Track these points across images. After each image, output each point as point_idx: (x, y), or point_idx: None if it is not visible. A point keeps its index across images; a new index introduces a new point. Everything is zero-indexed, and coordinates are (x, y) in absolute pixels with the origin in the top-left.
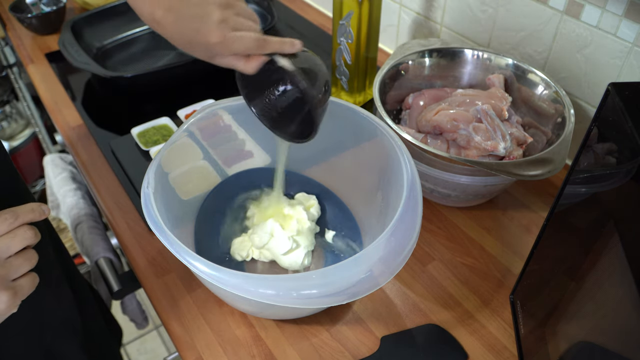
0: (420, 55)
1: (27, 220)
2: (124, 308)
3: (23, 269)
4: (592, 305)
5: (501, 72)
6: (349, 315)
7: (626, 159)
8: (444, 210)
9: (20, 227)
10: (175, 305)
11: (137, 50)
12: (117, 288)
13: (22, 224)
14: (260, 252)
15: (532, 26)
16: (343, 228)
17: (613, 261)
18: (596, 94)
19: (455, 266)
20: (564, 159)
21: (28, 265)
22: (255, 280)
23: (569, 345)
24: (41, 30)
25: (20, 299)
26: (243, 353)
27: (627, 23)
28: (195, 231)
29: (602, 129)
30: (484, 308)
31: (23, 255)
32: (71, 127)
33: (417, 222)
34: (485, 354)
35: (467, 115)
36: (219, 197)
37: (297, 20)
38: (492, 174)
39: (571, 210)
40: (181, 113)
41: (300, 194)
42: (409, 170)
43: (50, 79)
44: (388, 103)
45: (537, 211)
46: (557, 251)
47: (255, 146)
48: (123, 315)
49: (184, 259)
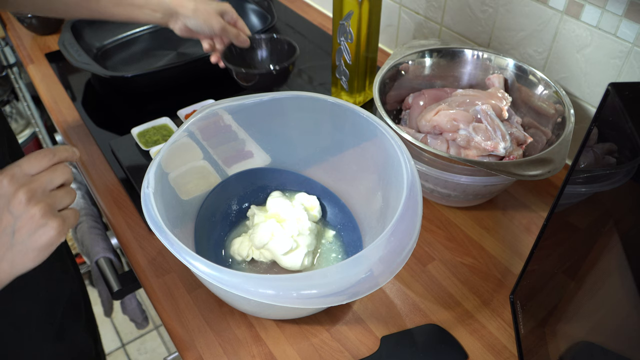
0: (420, 55)
1: (63, 158)
2: (124, 308)
3: (66, 201)
4: (592, 305)
5: (501, 72)
6: (349, 315)
7: (626, 159)
8: (444, 210)
9: (59, 164)
10: (175, 305)
11: (137, 50)
12: (117, 288)
13: (60, 161)
14: (261, 252)
15: (532, 26)
16: (343, 228)
17: (613, 261)
18: (596, 94)
19: (455, 266)
20: (564, 159)
21: (69, 199)
22: (255, 280)
23: (569, 345)
24: (41, 30)
25: (68, 227)
26: (243, 353)
27: (627, 23)
28: (195, 231)
29: (602, 129)
30: (484, 308)
31: (64, 189)
32: (71, 127)
33: (417, 222)
34: (485, 354)
35: (467, 115)
36: (219, 197)
37: (297, 20)
38: (492, 174)
39: (571, 210)
40: (181, 113)
41: (301, 194)
42: (409, 170)
43: (50, 79)
44: (388, 103)
45: (537, 211)
46: (557, 251)
47: (255, 146)
48: (123, 315)
49: (184, 259)
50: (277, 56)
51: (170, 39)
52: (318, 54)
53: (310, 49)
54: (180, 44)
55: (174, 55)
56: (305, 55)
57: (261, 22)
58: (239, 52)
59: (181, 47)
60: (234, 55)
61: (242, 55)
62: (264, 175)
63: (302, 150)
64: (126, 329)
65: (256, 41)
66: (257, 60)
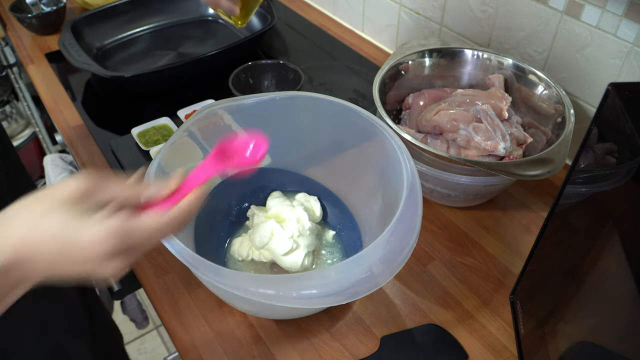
0: (420, 55)
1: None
2: (124, 308)
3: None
4: (592, 305)
5: (501, 72)
6: (349, 315)
7: (626, 159)
8: (444, 210)
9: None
10: (175, 305)
11: (137, 50)
12: (117, 288)
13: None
14: (261, 253)
15: (532, 26)
16: (343, 228)
17: (613, 261)
18: (596, 94)
19: (455, 266)
20: (564, 159)
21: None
22: (255, 280)
23: (569, 345)
24: (41, 30)
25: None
26: (243, 353)
27: (627, 23)
28: (195, 231)
29: (602, 129)
30: (484, 308)
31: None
32: (71, 127)
33: (417, 222)
34: (485, 354)
35: (467, 115)
36: (219, 197)
37: (297, 20)
38: (492, 174)
39: (571, 210)
40: (181, 113)
41: (301, 195)
42: (409, 170)
43: (50, 79)
44: (388, 103)
45: (537, 211)
46: (557, 251)
47: None
48: (123, 315)
49: (184, 259)
50: (283, 82)
51: (170, 39)
52: (318, 54)
53: (310, 49)
54: (180, 44)
55: (174, 55)
56: (305, 55)
57: (261, 22)
58: (245, 77)
59: (181, 47)
60: (241, 81)
61: (248, 80)
62: (264, 175)
63: (302, 150)
64: (126, 329)
65: (262, 66)
66: (263, 86)
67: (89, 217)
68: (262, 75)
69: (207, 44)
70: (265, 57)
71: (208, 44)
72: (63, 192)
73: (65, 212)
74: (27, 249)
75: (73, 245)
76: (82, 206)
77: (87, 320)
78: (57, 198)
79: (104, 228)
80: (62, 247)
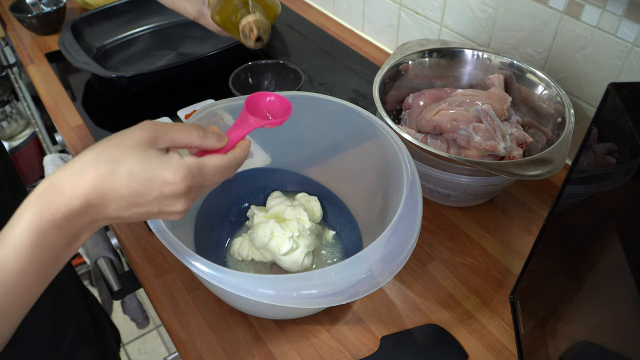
0: (420, 55)
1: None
2: (124, 308)
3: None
4: (592, 305)
5: (501, 72)
6: (349, 315)
7: (626, 159)
8: (444, 210)
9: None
10: (175, 305)
11: (137, 50)
12: (117, 288)
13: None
14: (261, 253)
15: (532, 26)
16: (343, 228)
17: (613, 261)
18: (596, 94)
19: (455, 266)
20: (564, 159)
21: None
22: (255, 280)
23: (569, 345)
24: (41, 30)
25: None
26: (243, 353)
27: (627, 23)
28: (195, 231)
29: (602, 129)
30: (484, 308)
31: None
32: (71, 127)
33: (417, 222)
34: (485, 354)
35: (467, 115)
36: (219, 197)
37: (297, 20)
38: (492, 174)
39: (571, 210)
40: (181, 113)
41: (301, 195)
42: (409, 170)
43: (50, 79)
44: (388, 103)
45: (537, 211)
46: (557, 251)
47: (255, 146)
48: (123, 315)
49: (184, 259)
50: (282, 82)
51: (170, 39)
52: (318, 54)
53: (310, 49)
54: (180, 44)
55: (174, 55)
56: (305, 55)
57: None
58: (245, 77)
59: (181, 47)
60: (241, 81)
61: (248, 80)
62: (264, 175)
63: (302, 150)
64: (126, 328)
65: (262, 66)
66: (263, 86)
67: (166, 157)
68: (262, 75)
69: (207, 44)
70: (265, 57)
71: (208, 44)
72: (133, 138)
73: (143, 153)
74: (105, 190)
75: (155, 183)
76: (155, 149)
77: (91, 327)
78: (129, 143)
79: (184, 165)
80: (142, 186)
